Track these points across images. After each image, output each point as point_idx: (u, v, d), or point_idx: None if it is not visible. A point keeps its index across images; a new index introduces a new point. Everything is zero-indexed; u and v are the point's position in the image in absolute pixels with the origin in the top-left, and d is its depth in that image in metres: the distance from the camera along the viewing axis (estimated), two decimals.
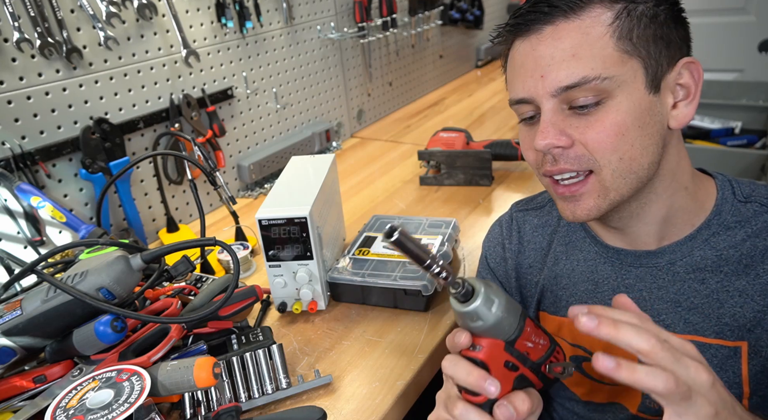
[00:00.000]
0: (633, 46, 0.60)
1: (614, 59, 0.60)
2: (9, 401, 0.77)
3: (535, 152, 0.66)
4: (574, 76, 0.60)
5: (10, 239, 1.06)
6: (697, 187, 0.69)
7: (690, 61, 0.64)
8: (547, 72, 0.61)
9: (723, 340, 0.66)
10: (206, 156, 1.13)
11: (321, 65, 1.72)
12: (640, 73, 0.61)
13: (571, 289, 0.76)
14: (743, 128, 2.10)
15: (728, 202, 0.68)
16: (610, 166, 0.62)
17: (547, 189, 0.69)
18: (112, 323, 0.77)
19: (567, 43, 0.60)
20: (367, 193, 1.45)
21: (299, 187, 1.01)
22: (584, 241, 0.77)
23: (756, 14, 2.41)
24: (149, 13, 1.19)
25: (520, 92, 0.64)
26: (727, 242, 0.67)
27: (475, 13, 2.40)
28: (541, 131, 0.62)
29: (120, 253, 0.80)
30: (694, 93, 0.65)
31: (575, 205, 0.65)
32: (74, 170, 1.14)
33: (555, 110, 0.62)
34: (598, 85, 0.59)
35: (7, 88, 1.02)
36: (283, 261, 0.94)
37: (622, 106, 0.60)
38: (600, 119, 0.61)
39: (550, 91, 0.61)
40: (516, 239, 0.84)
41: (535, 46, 0.62)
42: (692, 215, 0.69)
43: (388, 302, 0.97)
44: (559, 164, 0.63)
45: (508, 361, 0.55)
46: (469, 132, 1.53)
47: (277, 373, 0.80)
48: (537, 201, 0.86)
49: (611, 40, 0.60)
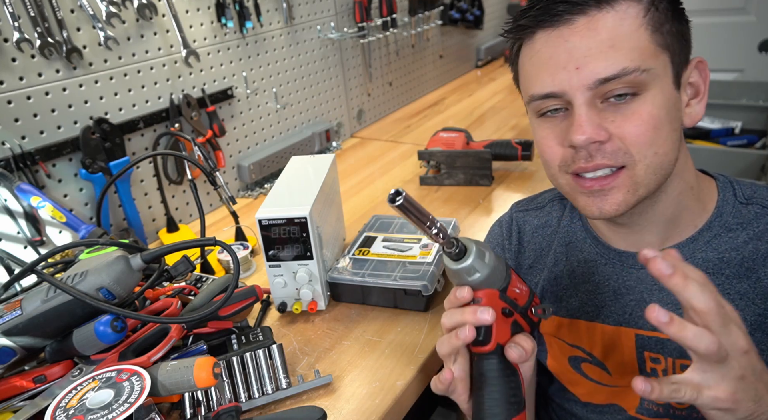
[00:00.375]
0: (664, 40, 0.60)
1: (650, 52, 0.59)
2: (9, 401, 0.77)
3: (562, 149, 0.64)
4: (614, 68, 0.58)
5: (10, 239, 1.06)
6: (700, 188, 0.69)
7: (700, 60, 0.64)
8: (583, 63, 0.59)
9: None
10: (206, 156, 1.13)
11: (321, 65, 1.72)
12: (669, 68, 0.61)
13: (572, 290, 0.76)
14: (743, 128, 2.10)
15: (729, 204, 0.68)
16: (645, 161, 0.60)
17: (564, 187, 0.67)
18: (112, 323, 0.77)
19: (604, 34, 0.58)
20: (367, 193, 1.45)
21: (299, 187, 1.01)
22: (585, 241, 0.76)
23: (756, 14, 2.41)
24: (149, 13, 1.19)
25: (549, 86, 0.61)
26: (728, 244, 0.66)
27: (475, 13, 2.40)
28: (579, 126, 0.59)
29: (120, 253, 0.80)
30: (704, 92, 0.65)
31: (603, 200, 0.63)
32: (74, 170, 1.14)
33: (591, 103, 0.60)
34: (637, 77, 0.58)
35: (7, 88, 1.02)
36: (283, 261, 0.94)
37: (657, 99, 0.60)
38: (637, 112, 0.59)
39: (586, 83, 0.59)
40: (516, 240, 0.84)
41: (567, 37, 0.59)
42: (695, 216, 0.68)
43: (388, 302, 0.97)
44: (594, 160, 0.61)
45: (504, 308, 0.60)
46: (469, 132, 1.53)
47: (277, 373, 0.80)
48: (537, 201, 0.85)
49: (646, 33, 0.59)
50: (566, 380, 0.80)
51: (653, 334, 0.70)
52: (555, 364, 0.80)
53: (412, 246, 1.03)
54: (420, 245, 1.03)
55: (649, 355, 0.70)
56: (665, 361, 0.69)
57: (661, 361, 0.70)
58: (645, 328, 0.70)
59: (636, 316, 0.70)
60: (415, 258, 1.00)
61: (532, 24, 0.62)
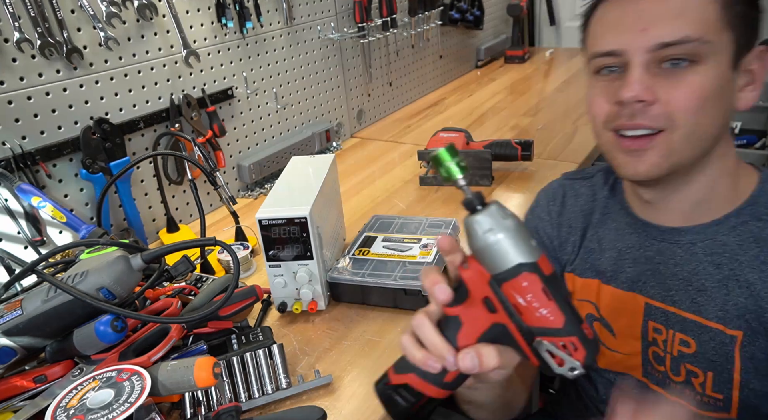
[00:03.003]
0: (732, 18, 0.62)
1: (716, 26, 0.61)
2: (9, 401, 0.77)
3: (609, 105, 0.66)
4: (678, 34, 0.60)
5: (11, 239, 1.06)
6: (738, 177, 0.71)
7: (765, 49, 0.66)
8: (649, 25, 0.61)
9: (723, 326, 0.68)
10: (206, 156, 1.13)
11: (321, 65, 1.72)
12: (730, 48, 0.62)
13: (597, 254, 0.79)
14: (743, 128, 2.10)
15: (765, 195, 0.69)
16: (685, 128, 0.62)
17: (605, 145, 0.69)
18: (113, 323, 0.77)
19: (674, 2, 0.61)
20: (367, 193, 1.45)
21: (299, 187, 1.01)
22: (620, 212, 0.79)
23: None
24: (149, 13, 1.19)
25: (613, 44, 0.64)
26: (753, 233, 0.67)
27: (475, 13, 2.40)
28: (630, 83, 0.62)
29: (120, 253, 0.80)
30: (760, 80, 0.67)
31: (638, 159, 0.65)
32: (74, 170, 1.14)
33: (647, 65, 0.62)
34: (697, 47, 0.60)
35: (7, 88, 1.02)
36: (283, 261, 0.94)
37: (710, 73, 0.61)
38: (688, 81, 0.61)
39: (648, 45, 0.61)
40: (560, 202, 0.86)
41: (638, 1, 0.62)
42: (728, 203, 0.70)
43: (388, 302, 0.97)
44: (636, 119, 0.63)
45: (487, 298, 0.51)
46: (469, 132, 1.53)
47: (277, 373, 0.80)
48: (586, 171, 0.88)
49: (716, 7, 0.61)
50: None
51: (660, 305, 0.72)
52: None
53: (412, 246, 1.03)
54: (420, 245, 1.03)
55: (653, 324, 0.73)
56: (666, 332, 0.72)
57: (662, 332, 0.72)
58: (655, 298, 0.73)
59: (649, 285, 0.73)
60: (415, 258, 1.00)
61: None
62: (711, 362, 0.69)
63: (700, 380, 0.70)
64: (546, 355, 0.49)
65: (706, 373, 0.70)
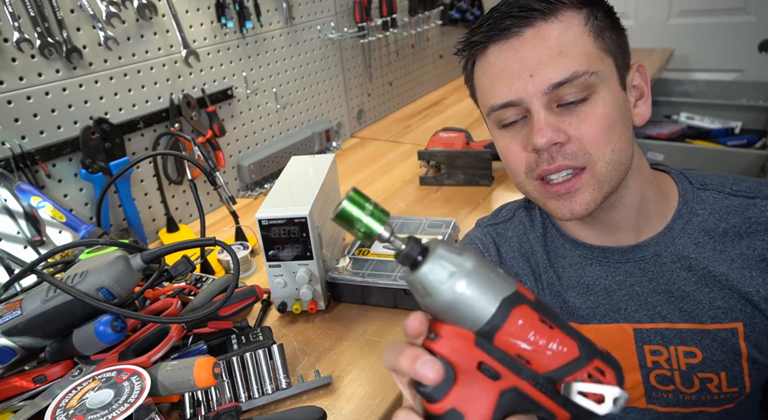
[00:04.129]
0: (606, 45, 0.64)
1: (595, 56, 0.63)
2: (9, 401, 0.77)
3: (526, 155, 0.67)
4: (565, 72, 0.61)
5: (10, 239, 1.06)
6: (657, 180, 0.73)
7: (640, 64, 0.69)
8: (536, 71, 0.62)
9: (719, 323, 0.68)
10: (206, 156, 1.13)
11: (321, 65, 1.72)
12: (614, 71, 0.65)
13: (563, 295, 0.76)
14: (743, 128, 2.10)
15: (689, 191, 0.72)
16: (605, 159, 0.64)
17: (532, 194, 0.69)
18: (112, 323, 0.77)
19: (552, 43, 0.62)
20: (367, 193, 1.44)
21: (299, 187, 1.01)
22: (564, 246, 0.77)
23: (756, 14, 2.41)
24: (149, 13, 1.19)
25: (507, 95, 0.65)
26: (699, 228, 0.69)
27: (475, 13, 2.40)
28: (539, 129, 0.63)
29: (120, 253, 0.80)
30: (647, 93, 0.70)
31: (572, 201, 0.66)
32: (74, 170, 1.14)
33: (547, 108, 0.63)
34: (587, 80, 0.62)
35: (7, 88, 1.02)
36: (283, 261, 0.94)
37: (607, 99, 0.63)
38: (591, 113, 0.63)
39: (541, 89, 0.62)
40: (494, 253, 0.81)
41: (518, 49, 0.63)
42: (662, 206, 0.71)
43: (388, 302, 0.97)
44: (556, 161, 0.64)
45: (482, 364, 0.39)
46: (469, 132, 1.53)
47: (277, 373, 0.80)
48: (502, 215, 0.84)
49: (590, 39, 0.63)
50: None
51: (651, 325, 0.71)
52: None
53: None
54: None
55: (649, 348, 0.71)
56: (667, 350, 0.71)
57: (662, 353, 0.71)
58: (642, 321, 0.71)
59: (631, 310, 0.72)
60: None
61: (483, 39, 0.66)
62: (721, 363, 0.68)
63: (715, 383, 0.69)
64: (579, 398, 0.39)
65: (719, 374, 0.69)
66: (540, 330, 0.39)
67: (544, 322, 0.39)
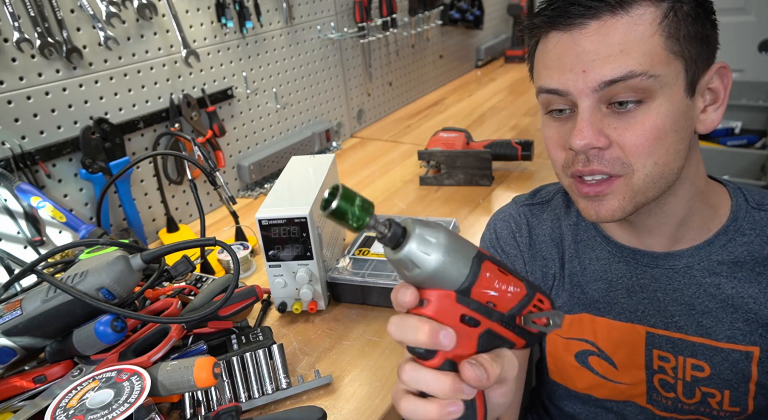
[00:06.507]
0: (680, 47, 0.59)
1: (662, 58, 0.58)
2: (9, 401, 0.77)
3: (564, 151, 0.64)
4: (620, 70, 0.57)
5: (10, 239, 1.06)
6: (710, 192, 0.69)
7: (723, 65, 0.63)
8: (590, 67, 0.58)
9: (735, 344, 0.67)
10: (206, 156, 1.13)
11: (321, 65, 1.72)
12: (682, 76, 0.60)
13: (583, 287, 0.76)
14: (743, 128, 2.10)
15: (743, 209, 0.68)
16: (644, 171, 0.60)
17: (569, 188, 0.67)
18: (112, 323, 0.77)
19: (615, 39, 0.57)
20: (367, 193, 1.45)
21: (299, 187, 1.01)
22: (595, 239, 0.76)
23: (756, 14, 2.41)
24: (149, 13, 1.19)
25: (555, 83, 0.61)
26: (743, 248, 0.67)
27: (475, 13, 2.40)
28: (579, 130, 0.59)
29: (120, 253, 0.80)
30: (723, 98, 0.64)
31: (599, 205, 0.63)
32: (74, 170, 1.14)
33: (593, 108, 0.60)
34: (643, 82, 0.57)
35: (7, 88, 1.02)
36: (283, 261, 0.94)
37: (663, 108, 0.59)
38: (640, 121, 0.59)
39: (592, 86, 0.58)
40: (526, 233, 0.81)
41: (577, 41, 0.59)
42: (707, 220, 0.69)
43: (388, 302, 0.97)
44: (591, 165, 0.61)
45: (464, 315, 0.46)
46: (469, 132, 1.53)
47: (277, 373, 0.80)
48: (541, 195, 0.83)
49: (661, 39, 0.58)
50: (565, 375, 0.80)
51: (664, 332, 0.70)
52: (553, 361, 0.80)
53: None
54: None
55: (657, 352, 0.71)
56: (675, 359, 0.70)
57: (670, 360, 0.71)
58: (657, 326, 0.71)
59: (648, 314, 0.71)
60: None
61: (545, 24, 0.62)
62: (727, 382, 0.68)
63: (717, 399, 0.69)
64: (533, 324, 0.48)
65: (722, 391, 0.68)
66: (501, 278, 0.47)
67: (502, 271, 0.47)
